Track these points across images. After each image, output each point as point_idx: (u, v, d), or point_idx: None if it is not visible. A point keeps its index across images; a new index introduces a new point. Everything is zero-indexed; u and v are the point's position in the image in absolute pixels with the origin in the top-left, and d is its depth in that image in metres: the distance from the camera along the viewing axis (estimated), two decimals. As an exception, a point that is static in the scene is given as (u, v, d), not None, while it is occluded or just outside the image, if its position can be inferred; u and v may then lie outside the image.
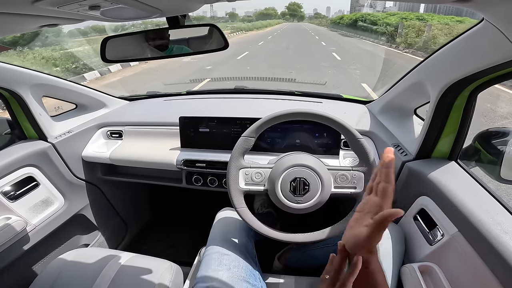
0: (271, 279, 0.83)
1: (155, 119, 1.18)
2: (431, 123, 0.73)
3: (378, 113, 1.11)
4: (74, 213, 1.13)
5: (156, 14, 0.52)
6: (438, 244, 0.64)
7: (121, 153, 1.10)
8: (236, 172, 0.74)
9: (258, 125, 0.74)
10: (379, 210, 0.38)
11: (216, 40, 0.69)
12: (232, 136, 1.01)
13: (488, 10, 0.47)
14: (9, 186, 0.90)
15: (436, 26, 10.51)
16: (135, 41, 0.71)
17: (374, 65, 7.74)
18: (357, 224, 0.40)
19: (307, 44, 13.72)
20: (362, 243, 0.38)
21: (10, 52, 6.05)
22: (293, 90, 1.40)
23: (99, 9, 0.43)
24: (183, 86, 5.22)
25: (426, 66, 0.79)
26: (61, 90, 1.09)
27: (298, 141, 0.98)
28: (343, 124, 0.72)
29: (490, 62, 0.53)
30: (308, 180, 0.71)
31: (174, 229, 1.56)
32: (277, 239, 0.74)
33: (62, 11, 0.42)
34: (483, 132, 0.76)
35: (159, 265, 0.82)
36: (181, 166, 1.02)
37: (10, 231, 0.86)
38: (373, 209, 0.39)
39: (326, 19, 64.33)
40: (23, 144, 1.00)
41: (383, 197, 0.39)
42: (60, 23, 0.56)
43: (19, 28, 0.58)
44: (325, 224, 0.75)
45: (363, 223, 0.39)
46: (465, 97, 0.68)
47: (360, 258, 0.40)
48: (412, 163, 0.80)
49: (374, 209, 0.39)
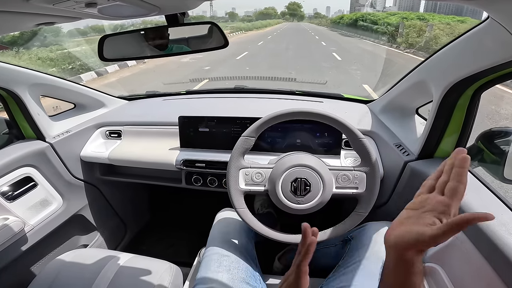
0: (272, 280, 0.82)
1: (154, 118, 1.18)
2: (434, 122, 0.72)
3: (380, 112, 1.10)
4: (72, 214, 1.12)
5: (154, 12, 0.51)
6: (441, 245, 0.63)
7: (120, 153, 1.09)
8: (236, 172, 0.73)
9: (258, 125, 0.73)
10: (445, 210, 0.36)
11: (216, 38, 0.68)
12: (232, 136, 1.00)
13: (494, 8, 0.46)
14: (7, 186, 0.89)
15: (437, 26, 10.49)
16: (134, 40, 0.70)
17: (375, 65, 7.70)
18: (414, 222, 0.38)
19: (307, 44, 13.72)
20: (424, 242, 0.35)
21: (5, 52, 6.03)
22: (294, 90, 1.39)
23: (96, 6, 0.42)
24: (181, 86, 5.21)
25: (428, 65, 0.78)
26: (60, 89, 1.08)
27: (298, 141, 0.97)
28: (344, 124, 0.71)
29: (495, 60, 0.52)
30: (309, 181, 0.70)
31: (173, 229, 1.55)
32: (278, 240, 0.73)
33: (58, 8, 0.41)
34: (486, 131, 0.76)
35: (159, 266, 0.82)
36: (180, 166, 1.01)
37: (7, 231, 0.85)
38: (439, 208, 0.37)
39: (326, 18, 64.34)
40: (21, 144, 0.99)
41: (452, 197, 0.37)
42: (57, 21, 0.55)
43: (16, 27, 0.57)
44: (326, 225, 0.74)
45: (425, 221, 0.37)
46: (469, 96, 0.68)
47: (314, 242, 0.42)
48: (414, 163, 0.79)
49: (440, 208, 0.37)
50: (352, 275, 0.67)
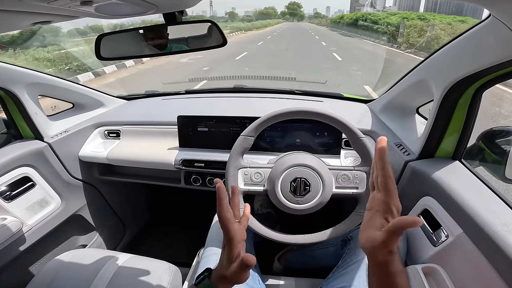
0: (271, 280, 0.82)
1: (153, 118, 1.17)
2: (434, 122, 0.72)
3: (380, 112, 1.09)
4: (71, 214, 1.12)
5: (152, 10, 0.51)
6: (442, 245, 0.63)
7: (119, 153, 1.08)
8: (235, 172, 0.73)
9: (257, 124, 0.73)
10: (386, 208, 0.37)
11: (214, 37, 0.68)
12: (231, 136, 1.00)
13: (495, 6, 0.46)
14: (5, 186, 0.89)
15: (438, 26, 10.45)
16: (132, 39, 0.69)
17: (376, 66, 7.63)
18: (370, 226, 0.38)
19: (307, 44, 13.69)
20: (378, 247, 0.36)
21: (1, 53, 6.00)
22: (294, 89, 1.39)
23: (91, 4, 0.41)
24: (180, 87, 5.18)
25: (429, 64, 0.78)
26: (58, 89, 1.08)
27: (298, 140, 0.97)
28: (345, 123, 0.71)
29: (496, 59, 0.52)
30: (309, 180, 0.70)
31: (172, 229, 1.55)
32: (277, 241, 0.73)
33: (53, 7, 0.40)
34: (487, 131, 0.75)
35: (158, 266, 0.81)
36: (179, 166, 1.00)
37: (5, 232, 0.84)
38: (381, 207, 0.37)
39: (326, 18, 64.33)
40: (19, 144, 0.98)
41: (386, 193, 0.37)
42: (54, 20, 0.54)
43: (11, 26, 0.57)
44: (326, 225, 0.73)
45: (375, 224, 0.37)
46: (470, 96, 0.67)
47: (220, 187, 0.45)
48: (415, 162, 0.79)
49: (382, 207, 0.37)
50: (352, 275, 0.67)
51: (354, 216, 0.71)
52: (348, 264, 0.70)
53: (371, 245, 0.37)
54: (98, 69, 6.66)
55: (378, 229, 0.36)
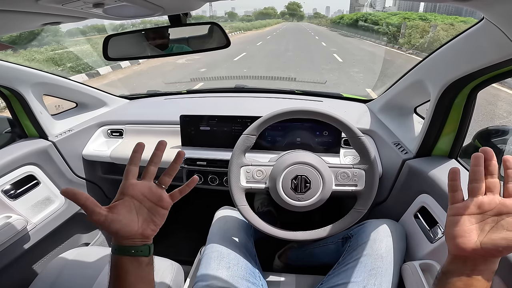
0: (272, 277, 0.83)
1: (156, 117, 1.18)
2: (431, 121, 0.74)
3: (378, 111, 1.11)
4: (74, 212, 1.13)
5: (158, 12, 0.52)
6: (439, 242, 0.64)
7: (122, 152, 1.10)
8: (238, 170, 0.74)
9: (259, 123, 0.74)
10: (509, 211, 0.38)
11: (217, 38, 0.69)
12: (233, 134, 1.01)
13: (488, 9, 0.47)
14: (10, 184, 0.90)
15: (440, 27, 10.31)
16: (136, 40, 0.71)
17: (378, 67, 7.51)
18: (499, 228, 0.39)
19: (306, 44, 13.67)
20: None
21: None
22: (294, 89, 1.40)
23: (102, 6, 0.43)
24: (180, 87, 5.11)
25: (426, 65, 0.80)
26: (62, 88, 1.09)
27: (298, 139, 0.99)
28: (344, 122, 0.72)
29: (490, 60, 0.54)
30: (309, 178, 0.71)
31: (175, 227, 1.55)
32: (278, 237, 0.74)
33: (66, 8, 0.42)
34: (483, 130, 0.77)
35: (160, 264, 0.82)
36: (181, 164, 1.01)
37: (10, 230, 0.85)
38: (503, 210, 0.39)
39: (325, 18, 64.28)
40: (23, 143, 0.99)
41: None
42: (64, 21, 0.56)
43: (21, 26, 0.58)
44: (326, 222, 0.75)
45: (505, 226, 0.38)
46: (465, 96, 0.69)
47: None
48: (412, 161, 0.80)
49: (504, 210, 0.39)
50: (352, 272, 0.67)
51: (353, 213, 0.73)
52: (348, 261, 0.71)
53: (495, 248, 0.38)
54: (92, 71, 6.51)
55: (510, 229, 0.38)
